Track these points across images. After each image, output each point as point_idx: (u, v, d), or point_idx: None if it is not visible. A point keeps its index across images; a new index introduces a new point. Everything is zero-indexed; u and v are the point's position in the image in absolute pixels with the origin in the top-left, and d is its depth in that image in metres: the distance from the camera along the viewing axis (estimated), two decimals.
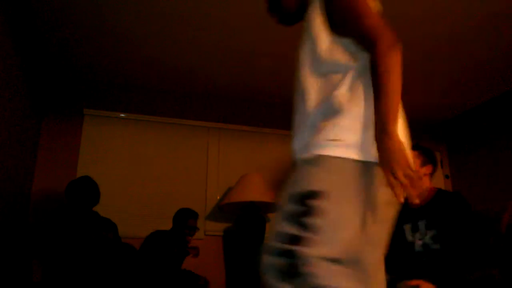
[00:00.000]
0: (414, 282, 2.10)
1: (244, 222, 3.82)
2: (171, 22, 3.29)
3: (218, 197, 4.22)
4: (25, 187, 3.64)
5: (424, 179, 2.34)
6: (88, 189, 3.10)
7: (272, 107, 4.68)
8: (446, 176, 4.93)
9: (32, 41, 3.49)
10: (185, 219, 3.54)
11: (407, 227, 2.36)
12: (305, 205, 1.05)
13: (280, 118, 4.65)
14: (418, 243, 2.29)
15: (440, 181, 4.90)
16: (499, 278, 2.40)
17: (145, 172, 4.11)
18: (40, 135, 3.97)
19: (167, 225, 3.60)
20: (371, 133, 1.10)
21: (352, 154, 1.08)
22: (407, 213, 2.38)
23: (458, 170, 4.88)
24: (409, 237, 2.34)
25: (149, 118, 4.26)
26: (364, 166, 1.08)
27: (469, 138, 4.78)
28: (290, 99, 5.17)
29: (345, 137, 1.10)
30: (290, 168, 1.25)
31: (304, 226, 1.03)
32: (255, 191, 3.77)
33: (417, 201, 1.03)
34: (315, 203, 1.04)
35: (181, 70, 4.06)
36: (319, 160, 1.10)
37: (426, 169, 2.35)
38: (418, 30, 3.34)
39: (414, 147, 2.42)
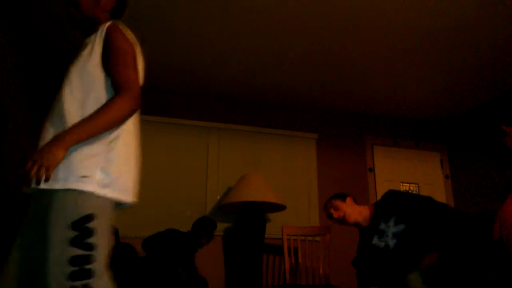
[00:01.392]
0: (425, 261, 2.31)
1: (244, 222, 3.82)
2: (170, 22, 3.29)
3: (218, 197, 4.22)
4: (25, 188, 3.64)
5: (354, 208, 2.72)
6: None
7: (272, 107, 4.68)
8: (446, 176, 4.93)
9: (32, 41, 3.50)
10: (206, 224, 3.69)
11: (375, 240, 2.51)
12: (82, 228, 1.30)
13: (280, 118, 4.65)
14: (388, 239, 2.43)
15: (440, 181, 4.91)
16: (497, 280, 2.39)
17: (144, 172, 4.09)
18: (40, 135, 3.96)
19: (167, 225, 3.59)
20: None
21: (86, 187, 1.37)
22: (367, 234, 2.61)
23: (458, 170, 4.88)
24: (381, 244, 2.48)
25: (149, 118, 4.26)
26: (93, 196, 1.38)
27: (469, 138, 4.78)
28: (290, 99, 5.14)
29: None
30: None
31: (88, 246, 1.28)
32: (255, 191, 3.77)
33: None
34: (90, 225, 1.32)
35: (181, 70, 4.06)
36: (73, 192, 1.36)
37: (348, 202, 2.74)
38: (418, 29, 3.34)
39: (328, 201, 2.81)
